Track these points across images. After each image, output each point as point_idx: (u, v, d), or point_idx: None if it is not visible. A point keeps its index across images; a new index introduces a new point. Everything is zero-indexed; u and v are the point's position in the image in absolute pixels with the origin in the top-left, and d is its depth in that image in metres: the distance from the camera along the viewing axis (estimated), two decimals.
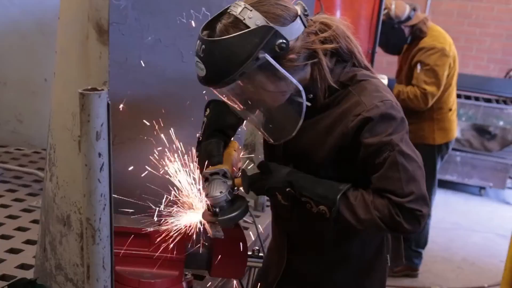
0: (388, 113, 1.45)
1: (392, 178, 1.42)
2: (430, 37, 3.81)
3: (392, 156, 1.42)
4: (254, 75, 1.41)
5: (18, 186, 2.52)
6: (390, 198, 1.42)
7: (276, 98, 1.49)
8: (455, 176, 6.15)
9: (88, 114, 1.17)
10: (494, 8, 7.28)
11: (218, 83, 1.41)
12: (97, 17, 1.28)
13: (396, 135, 1.44)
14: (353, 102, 1.48)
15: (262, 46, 1.37)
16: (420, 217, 1.42)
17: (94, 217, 1.24)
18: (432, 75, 3.71)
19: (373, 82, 1.52)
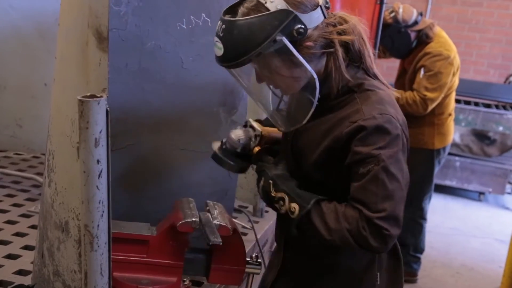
0: (384, 126, 1.45)
1: (370, 191, 1.42)
2: (437, 43, 3.81)
3: (376, 170, 1.42)
4: (270, 58, 1.46)
5: (17, 191, 2.51)
6: (361, 210, 1.42)
7: (290, 84, 1.54)
8: (454, 181, 6.15)
9: (87, 121, 1.17)
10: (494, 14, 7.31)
11: (234, 61, 1.44)
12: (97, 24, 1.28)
13: (386, 150, 1.43)
14: (354, 109, 1.50)
15: (280, 29, 1.41)
16: (387, 236, 1.41)
17: (92, 223, 1.24)
18: (434, 81, 3.72)
19: (379, 94, 1.53)
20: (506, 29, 7.31)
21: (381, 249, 1.44)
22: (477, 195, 6.37)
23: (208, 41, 1.90)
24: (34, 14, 2.91)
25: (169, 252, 1.57)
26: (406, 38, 3.83)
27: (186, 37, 1.84)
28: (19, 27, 2.91)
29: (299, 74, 1.49)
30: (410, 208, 4.08)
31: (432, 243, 4.85)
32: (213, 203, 1.72)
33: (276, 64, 1.47)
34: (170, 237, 1.57)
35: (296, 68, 1.47)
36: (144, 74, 1.77)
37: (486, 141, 6.02)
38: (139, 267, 1.55)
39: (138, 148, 1.82)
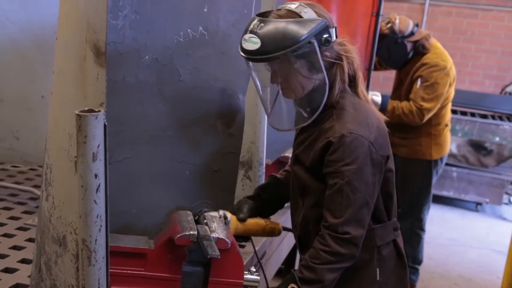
0: (350, 145, 1.66)
1: (335, 200, 1.68)
2: (434, 54, 3.83)
3: (340, 184, 1.66)
4: (296, 58, 1.66)
5: (14, 204, 2.50)
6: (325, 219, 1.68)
7: (303, 86, 1.72)
8: (451, 192, 6.16)
9: (85, 135, 1.17)
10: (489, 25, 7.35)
11: (271, 54, 1.62)
12: (95, 39, 1.28)
13: (350, 166, 1.65)
14: (330, 125, 1.72)
15: (315, 34, 1.64)
16: (349, 239, 1.67)
17: (90, 238, 1.24)
18: (431, 91, 3.73)
19: (354, 114, 1.73)
20: (501, 40, 7.35)
21: (352, 252, 1.68)
22: (474, 205, 6.37)
23: (206, 54, 1.91)
24: (31, 27, 2.92)
25: (167, 265, 1.57)
26: (402, 49, 3.85)
27: (183, 50, 1.84)
28: (17, 40, 2.92)
29: (315, 77, 1.71)
30: (409, 219, 4.08)
31: (430, 254, 4.84)
32: (210, 216, 1.72)
33: (299, 64, 1.68)
34: (168, 250, 1.57)
35: (314, 72, 1.70)
36: (141, 87, 1.77)
37: (483, 151, 6.03)
38: (137, 280, 1.55)
39: (135, 161, 1.82)
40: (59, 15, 1.48)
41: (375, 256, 1.82)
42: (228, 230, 1.70)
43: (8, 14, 2.87)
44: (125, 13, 1.67)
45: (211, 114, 1.98)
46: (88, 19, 1.31)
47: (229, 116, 2.03)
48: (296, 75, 1.70)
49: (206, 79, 1.93)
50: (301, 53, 1.64)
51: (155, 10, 1.74)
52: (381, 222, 1.83)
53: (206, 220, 1.69)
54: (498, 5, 7.27)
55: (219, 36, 1.93)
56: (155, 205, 1.90)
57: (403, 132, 3.94)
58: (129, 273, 1.54)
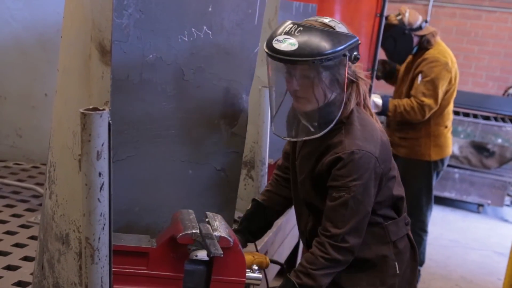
0: (358, 162, 1.72)
1: (339, 212, 1.74)
2: (435, 50, 3.84)
3: (346, 198, 1.72)
4: (327, 67, 1.70)
5: (16, 201, 2.50)
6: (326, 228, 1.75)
7: (323, 96, 1.74)
8: (453, 193, 6.15)
9: (89, 134, 1.17)
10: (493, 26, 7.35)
11: (306, 58, 1.64)
12: (100, 37, 1.28)
13: (357, 182, 1.72)
14: (338, 140, 1.76)
15: (349, 48, 1.69)
16: (347, 248, 1.75)
17: (93, 236, 1.24)
18: (431, 87, 3.73)
19: (361, 130, 1.78)
20: (505, 42, 7.35)
21: (348, 260, 1.77)
22: (476, 207, 6.37)
23: (210, 53, 1.91)
24: (35, 25, 2.92)
25: (169, 264, 1.57)
26: (408, 41, 3.83)
27: (188, 50, 1.85)
28: (21, 38, 2.93)
29: (332, 92, 1.74)
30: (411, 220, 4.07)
31: (432, 255, 4.84)
32: (212, 215, 1.73)
33: (325, 75, 1.70)
34: (170, 249, 1.57)
35: (334, 86, 1.73)
36: (145, 86, 1.77)
37: (485, 153, 6.02)
38: (139, 279, 1.55)
39: (138, 159, 1.82)
40: (64, 14, 1.48)
41: (391, 250, 1.90)
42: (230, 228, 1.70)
43: (12, 12, 2.88)
44: (129, 12, 1.67)
45: (214, 114, 1.98)
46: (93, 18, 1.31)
47: (233, 115, 2.03)
48: (317, 86, 1.72)
49: (210, 78, 1.94)
50: (331, 64, 1.68)
51: (159, 9, 1.74)
52: (393, 219, 1.92)
53: (208, 218, 1.69)
54: (502, 7, 7.26)
55: (223, 36, 1.93)
56: (157, 204, 1.91)
57: (403, 132, 3.94)
58: (131, 271, 1.54)
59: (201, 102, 1.93)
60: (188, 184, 1.97)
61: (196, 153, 1.95)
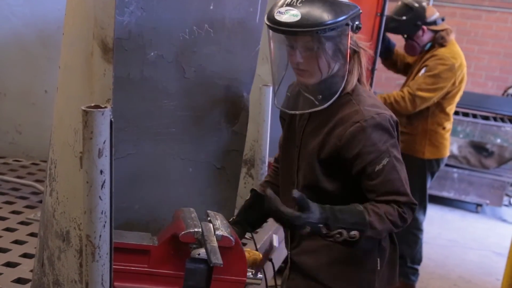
0: (383, 124, 1.69)
1: (393, 180, 1.68)
2: (447, 49, 3.81)
3: (391, 162, 1.67)
4: (330, 38, 1.67)
5: (16, 198, 2.50)
6: (397, 200, 1.68)
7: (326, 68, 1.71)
8: (452, 193, 6.15)
9: (91, 131, 1.17)
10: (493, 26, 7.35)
11: (310, 28, 1.61)
12: (103, 35, 1.28)
13: (389, 142, 1.69)
14: (353, 110, 1.71)
15: (351, 17, 1.67)
16: (415, 209, 1.74)
17: (94, 234, 1.24)
18: (431, 82, 3.70)
19: (371, 99, 1.77)
20: (505, 42, 7.35)
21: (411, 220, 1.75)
22: (475, 206, 6.37)
23: (211, 52, 1.91)
24: (35, 21, 2.91)
25: (170, 262, 1.57)
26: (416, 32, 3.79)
27: (189, 47, 1.84)
28: (21, 34, 2.92)
29: (336, 62, 1.71)
30: None
31: (430, 254, 4.84)
32: (214, 213, 1.72)
33: (328, 45, 1.67)
34: (172, 247, 1.57)
35: (337, 56, 1.70)
36: (146, 83, 1.77)
37: (484, 153, 6.03)
38: (140, 277, 1.55)
39: (138, 157, 1.82)
40: (66, 11, 1.47)
41: (376, 246, 1.86)
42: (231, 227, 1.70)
43: (13, 8, 2.87)
44: (131, 9, 1.67)
45: (215, 112, 1.98)
46: (95, 15, 1.31)
47: (233, 114, 2.03)
48: (320, 57, 1.69)
49: (211, 76, 1.93)
50: (334, 34, 1.66)
51: (161, 7, 1.74)
52: None
53: (209, 217, 1.68)
54: (502, 7, 7.26)
55: (224, 34, 1.93)
56: (157, 201, 1.90)
57: (401, 126, 3.92)
58: (132, 269, 1.54)
59: (202, 100, 1.93)
60: (188, 182, 1.97)
61: (197, 151, 1.95)
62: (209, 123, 1.97)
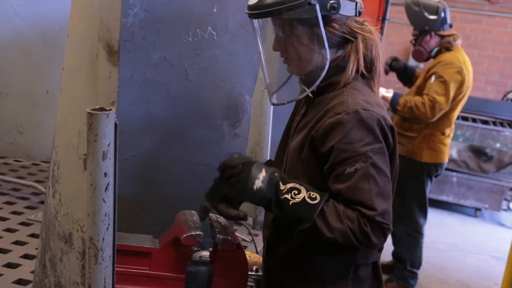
0: (367, 122, 1.44)
1: (363, 189, 1.40)
2: (453, 54, 3.87)
3: (365, 168, 1.41)
4: (297, 22, 1.49)
5: (16, 198, 2.50)
6: (360, 210, 1.40)
7: (304, 57, 1.54)
8: (451, 197, 6.16)
9: (96, 134, 1.17)
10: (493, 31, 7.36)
11: (265, 9, 1.48)
12: (108, 37, 1.28)
13: (371, 146, 1.43)
14: (340, 101, 1.50)
15: None
16: (386, 230, 1.42)
17: (98, 236, 1.24)
18: (443, 87, 3.74)
19: (367, 96, 1.52)
20: (504, 47, 7.36)
21: (381, 243, 1.46)
22: (473, 211, 6.38)
23: (214, 54, 1.91)
24: (38, 22, 2.92)
25: (172, 265, 1.57)
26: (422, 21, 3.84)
27: (192, 50, 1.85)
28: (23, 35, 2.92)
29: (316, 49, 1.52)
30: (404, 222, 4.09)
31: (429, 258, 4.84)
32: (215, 217, 1.72)
33: (300, 30, 1.50)
34: (173, 249, 1.57)
35: (315, 42, 1.51)
36: (149, 85, 1.77)
37: (483, 157, 6.03)
38: (142, 279, 1.54)
39: (140, 159, 1.82)
40: (71, 13, 1.47)
41: (350, 274, 1.57)
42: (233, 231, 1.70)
43: (15, 8, 2.87)
44: (135, 11, 1.67)
45: (217, 115, 1.98)
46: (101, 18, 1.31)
47: (235, 117, 2.03)
48: (296, 43, 1.52)
49: (213, 79, 1.94)
50: (302, 18, 1.48)
51: (165, 9, 1.74)
52: None
53: (211, 220, 1.68)
54: (502, 12, 7.27)
55: (227, 37, 1.93)
56: (159, 204, 1.90)
57: (402, 129, 3.95)
58: (134, 272, 1.54)
59: (204, 103, 1.93)
60: (190, 184, 1.97)
61: (199, 154, 1.95)
62: (211, 125, 1.97)
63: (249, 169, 1.46)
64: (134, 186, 1.84)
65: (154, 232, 1.78)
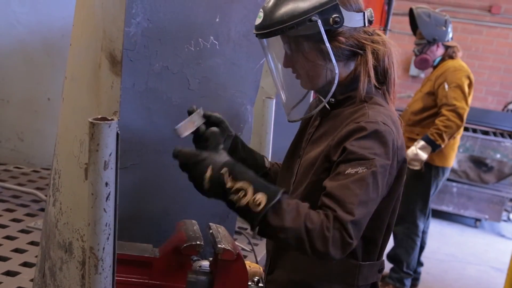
0: (384, 135, 1.41)
1: (352, 191, 1.34)
2: (457, 61, 4.01)
3: (365, 173, 1.36)
4: (302, 39, 1.49)
5: (16, 205, 2.49)
6: (336, 211, 1.32)
7: (313, 74, 1.53)
8: (451, 207, 6.15)
9: (97, 143, 1.17)
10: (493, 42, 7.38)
11: (268, 29, 1.48)
12: (111, 47, 1.28)
13: (381, 158, 1.39)
14: (361, 113, 1.47)
15: (319, 11, 1.45)
16: (347, 245, 1.33)
17: (98, 246, 1.23)
18: (459, 91, 3.84)
19: (388, 112, 1.50)
20: (505, 58, 7.38)
21: (336, 256, 1.34)
22: (473, 221, 6.37)
23: (216, 64, 1.92)
24: (40, 29, 2.92)
25: (172, 275, 1.56)
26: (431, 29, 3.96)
27: (194, 59, 1.85)
28: (25, 42, 2.93)
29: (324, 64, 1.50)
30: (405, 223, 4.12)
31: (428, 268, 4.83)
32: (216, 226, 1.72)
33: (305, 47, 1.49)
34: (173, 259, 1.57)
35: (322, 58, 1.49)
36: (150, 94, 1.78)
37: (484, 168, 6.03)
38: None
39: (141, 167, 1.82)
40: (74, 22, 1.48)
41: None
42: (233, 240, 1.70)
43: (18, 16, 2.88)
44: (137, 20, 1.68)
45: None
46: (104, 28, 1.31)
47: (237, 126, 2.03)
48: (302, 60, 1.51)
49: (215, 88, 1.94)
50: (306, 34, 1.46)
51: (167, 19, 1.75)
52: (371, 260, 1.55)
53: (211, 230, 1.68)
54: (502, 23, 7.30)
55: (229, 46, 1.93)
56: (160, 212, 1.90)
57: (413, 133, 4.02)
58: (134, 281, 1.54)
59: None
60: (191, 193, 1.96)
61: None
62: None
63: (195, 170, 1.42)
64: (134, 194, 1.84)
65: (154, 241, 1.77)
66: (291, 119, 1.64)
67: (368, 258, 1.54)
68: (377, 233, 1.53)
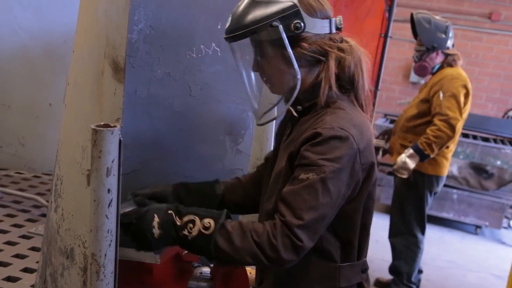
0: (337, 140, 1.42)
1: (301, 197, 1.39)
2: (455, 69, 3.95)
3: (314, 180, 1.40)
4: (265, 44, 1.50)
5: (17, 211, 2.50)
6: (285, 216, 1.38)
7: (277, 79, 1.55)
8: (451, 214, 6.14)
9: (100, 150, 1.17)
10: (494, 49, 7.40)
11: (232, 34, 1.51)
12: (114, 54, 1.29)
13: (331, 163, 1.41)
14: (321, 119, 1.49)
15: (280, 17, 1.47)
16: (299, 249, 1.38)
17: (100, 252, 1.24)
18: (453, 101, 3.78)
19: (350, 115, 1.50)
20: (505, 64, 7.39)
21: (291, 260, 1.40)
22: (474, 228, 6.36)
23: (217, 70, 1.92)
24: (42, 35, 2.93)
25: (173, 281, 1.56)
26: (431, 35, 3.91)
27: (195, 66, 1.86)
28: (27, 47, 2.94)
29: (287, 70, 1.51)
30: (403, 235, 4.09)
31: (428, 275, 4.82)
32: None
33: (269, 52, 1.50)
34: (174, 265, 1.57)
35: (285, 63, 1.50)
36: (152, 100, 1.78)
37: (484, 174, 6.03)
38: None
39: (143, 174, 1.83)
40: (77, 28, 1.49)
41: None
42: None
43: (20, 21, 2.89)
44: (140, 27, 1.69)
45: (220, 130, 1.99)
46: (107, 35, 1.32)
47: (238, 132, 2.03)
48: (266, 64, 1.53)
49: (216, 95, 1.95)
50: (269, 39, 1.48)
51: (169, 26, 1.76)
52: (350, 261, 1.57)
53: None
54: (503, 30, 7.32)
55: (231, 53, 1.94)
56: None
57: (406, 140, 3.98)
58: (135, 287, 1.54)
59: (207, 118, 1.94)
60: None
61: (201, 169, 1.96)
62: (213, 141, 1.98)
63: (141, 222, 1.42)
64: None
65: None
66: (258, 123, 1.68)
67: (347, 259, 1.56)
68: (351, 234, 1.55)
